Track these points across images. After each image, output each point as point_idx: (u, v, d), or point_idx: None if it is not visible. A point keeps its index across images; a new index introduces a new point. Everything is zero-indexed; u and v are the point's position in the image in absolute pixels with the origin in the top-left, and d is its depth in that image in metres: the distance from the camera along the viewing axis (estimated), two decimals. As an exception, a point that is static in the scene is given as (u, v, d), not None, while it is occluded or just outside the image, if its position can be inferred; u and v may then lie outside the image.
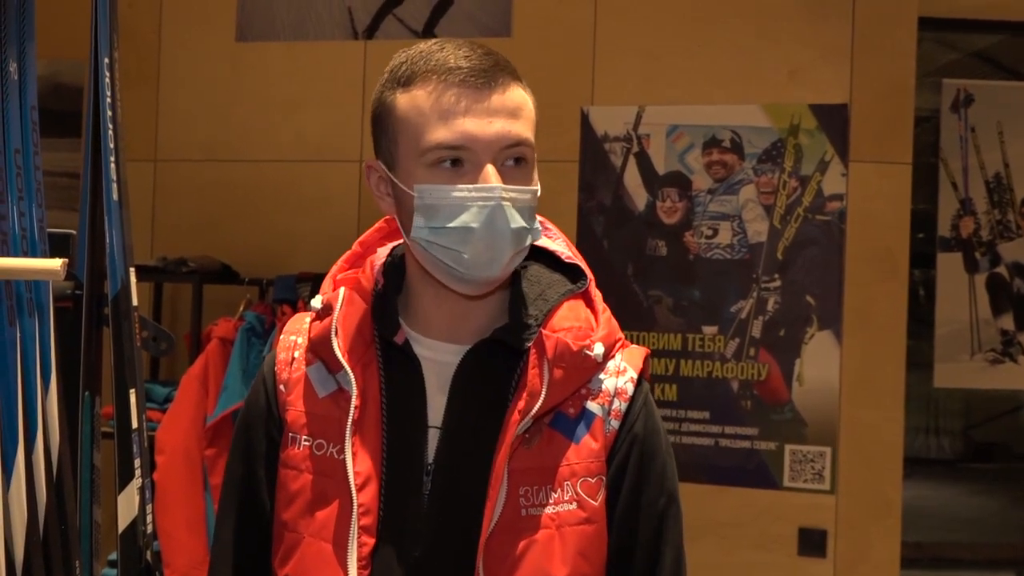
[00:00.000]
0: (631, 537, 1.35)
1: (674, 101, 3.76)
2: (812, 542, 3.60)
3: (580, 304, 1.39)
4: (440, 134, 1.27)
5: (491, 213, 1.26)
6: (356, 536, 1.29)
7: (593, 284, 1.42)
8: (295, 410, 1.37)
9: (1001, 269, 4.00)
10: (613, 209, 3.78)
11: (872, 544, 3.59)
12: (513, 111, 1.29)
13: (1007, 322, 4.00)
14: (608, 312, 1.40)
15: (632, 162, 3.78)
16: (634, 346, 1.41)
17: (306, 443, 1.35)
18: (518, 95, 1.31)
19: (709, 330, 3.70)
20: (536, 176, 1.33)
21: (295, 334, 1.43)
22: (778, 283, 3.64)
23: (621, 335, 1.40)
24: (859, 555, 3.59)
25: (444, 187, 1.27)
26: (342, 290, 1.40)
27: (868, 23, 3.64)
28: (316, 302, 1.40)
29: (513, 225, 1.27)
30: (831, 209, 3.61)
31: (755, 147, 3.68)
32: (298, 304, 3.60)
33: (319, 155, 4.10)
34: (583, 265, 1.42)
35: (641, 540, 1.35)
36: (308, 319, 1.43)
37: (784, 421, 3.62)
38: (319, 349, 1.37)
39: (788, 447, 3.62)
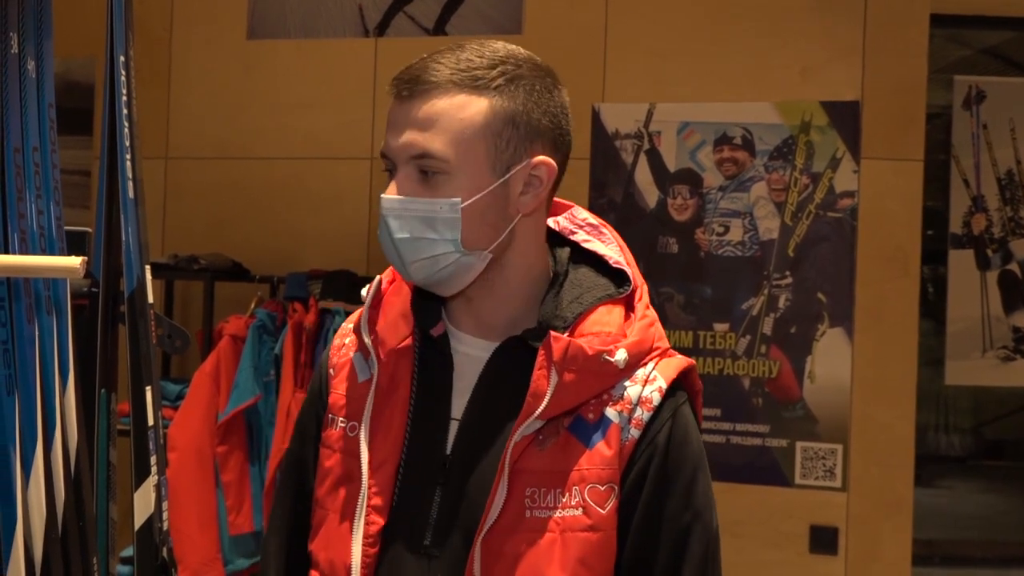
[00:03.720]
0: (647, 552, 1.32)
1: (685, 98, 3.76)
2: (823, 539, 3.60)
3: (618, 309, 1.37)
4: (383, 143, 1.35)
5: (381, 223, 1.32)
6: (364, 514, 1.32)
7: (641, 290, 1.40)
8: (336, 393, 1.43)
9: (1013, 266, 3.99)
10: (624, 206, 3.78)
11: (883, 541, 3.58)
12: (424, 122, 1.29)
13: (1019, 319, 3.99)
14: (649, 320, 1.37)
15: (643, 159, 3.78)
16: (677, 357, 1.38)
17: (341, 424, 1.40)
18: (447, 104, 1.29)
19: (720, 327, 3.69)
20: (464, 185, 1.30)
21: (352, 322, 1.48)
22: (789, 280, 3.64)
23: (661, 344, 1.37)
24: (870, 552, 3.59)
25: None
26: (377, 279, 1.45)
27: (880, 20, 3.63)
28: (364, 291, 1.45)
29: (397, 235, 1.30)
30: (842, 206, 3.61)
31: (766, 144, 3.68)
32: (309, 301, 3.61)
33: (330, 153, 4.10)
34: (629, 271, 1.41)
35: (660, 556, 1.31)
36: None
37: (795, 418, 3.62)
38: (358, 336, 1.42)
39: (799, 444, 3.61)
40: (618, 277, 1.41)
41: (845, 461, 3.59)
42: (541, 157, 1.34)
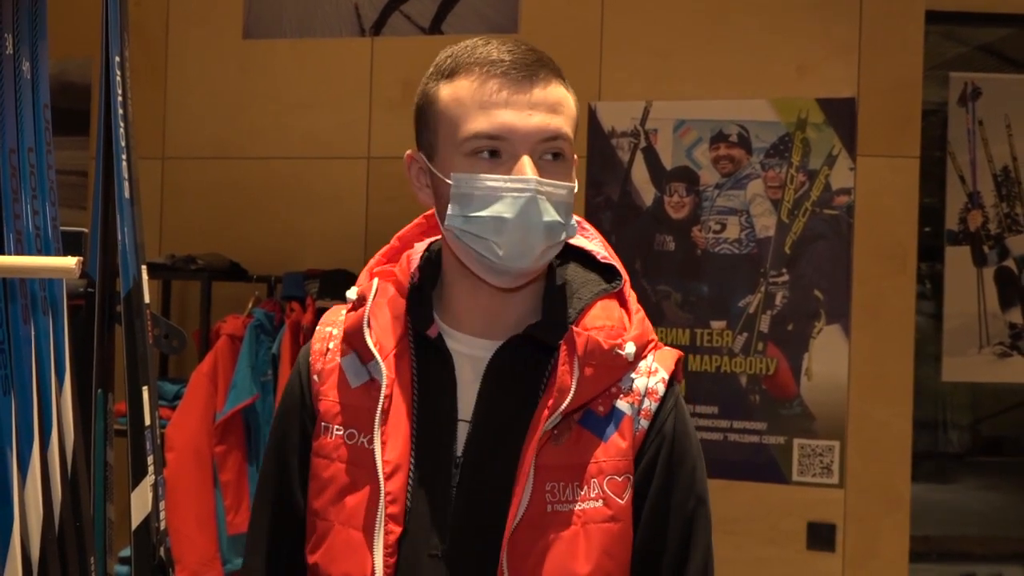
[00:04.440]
0: (658, 539, 1.35)
1: (681, 96, 3.76)
2: (821, 536, 3.61)
3: (614, 304, 1.39)
4: (479, 124, 1.29)
5: (525, 205, 1.27)
6: (383, 524, 1.30)
7: (628, 285, 1.42)
8: (328, 400, 1.39)
9: (1009, 262, 3.99)
10: (621, 204, 3.78)
11: (881, 538, 3.59)
12: (553, 106, 1.30)
13: (1015, 315, 3.99)
14: (642, 313, 1.40)
15: (639, 157, 3.78)
16: (667, 348, 1.41)
17: (338, 432, 1.37)
18: (559, 92, 1.32)
19: (717, 325, 3.70)
20: (574, 174, 1.34)
21: (331, 325, 1.45)
22: (786, 277, 3.64)
23: (654, 336, 1.40)
24: (868, 549, 3.59)
25: (480, 176, 1.29)
26: (375, 281, 1.42)
27: (876, 17, 3.64)
28: (351, 293, 1.43)
29: (546, 218, 1.28)
30: (839, 203, 3.61)
31: (763, 142, 3.68)
32: (306, 301, 3.61)
33: (327, 152, 4.10)
34: (618, 265, 1.43)
35: (669, 542, 1.35)
36: (344, 311, 1.45)
37: (792, 415, 3.62)
38: (352, 340, 1.39)
39: (797, 441, 3.62)
40: (604, 272, 1.43)
41: (842, 458, 3.59)
42: (576, 155, 1.38)
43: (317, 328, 1.47)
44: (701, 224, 3.73)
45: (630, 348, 1.34)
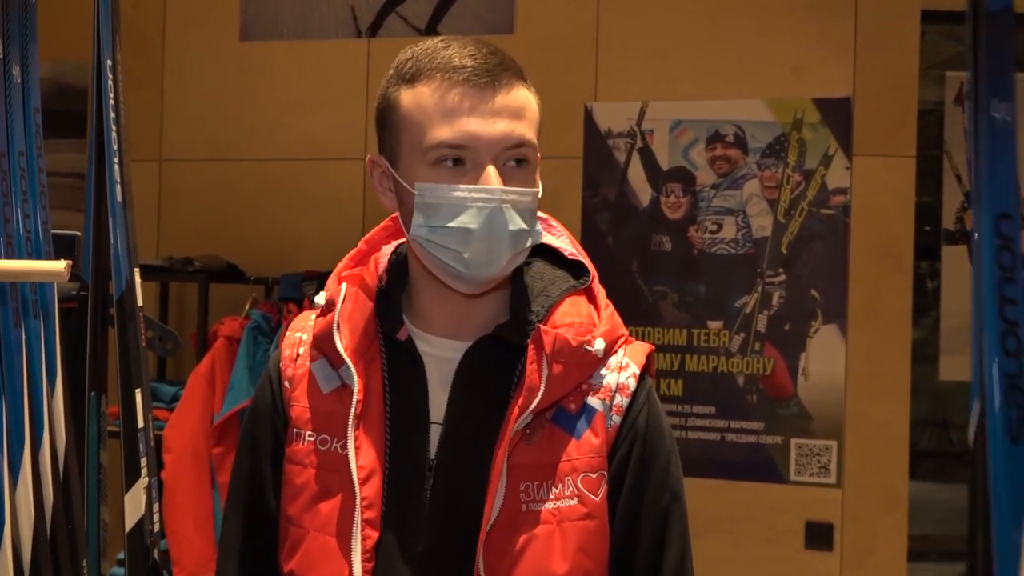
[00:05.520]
0: (634, 535, 1.34)
1: (677, 96, 3.76)
2: (819, 536, 3.61)
3: (582, 300, 1.39)
4: (443, 133, 1.27)
5: (490, 215, 1.26)
6: (360, 529, 1.30)
7: (596, 280, 1.42)
8: (299, 406, 1.39)
9: (1006, 261, 3.99)
10: (617, 205, 3.79)
11: (879, 537, 3.59)
12: (516, 112, 1.29)
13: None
14: (611, 308, 1.40)
15: (636, 158, 3.78)
16: (638, 342, 1.41)
17: (310, 438, 1.36)
18: (522, 96, 1.31)
19: (714, 325, 3.70)
20: (537, 178, 1.33)
21: (300, 331, 1.44)
22: (783, 277, 3.64)
23: (624, 331, 1.40)
24: (866, 548, 3.59)
25: (444, 187, 1.28)
26: (344, 286, 1.41)
27: (871, 17, 3.64)
28: (320, 298, 1.42)
29: (512, 227, 1.27)
30: (835, 203, 3.61)
31: (759, 142, 3.68)
32: (304, 302, 3.61)
33: (324, 154, 4.11)
34: (586, 262, 1.43)
35: (644, 538, 1.34)
36: (313, 316, 1.44)
37: (790, 415, 3.62)
38: (322, 345, 1.38)
39: (794, 441, 3.62)
40: (572, 268, 1.43)
41: (840, 457, 3.59)
42: (538, 153, 1.37)
43: (287, 334, 1.46)
44: (698, 224, 3.73)
45: (599, 344, 1.33)
